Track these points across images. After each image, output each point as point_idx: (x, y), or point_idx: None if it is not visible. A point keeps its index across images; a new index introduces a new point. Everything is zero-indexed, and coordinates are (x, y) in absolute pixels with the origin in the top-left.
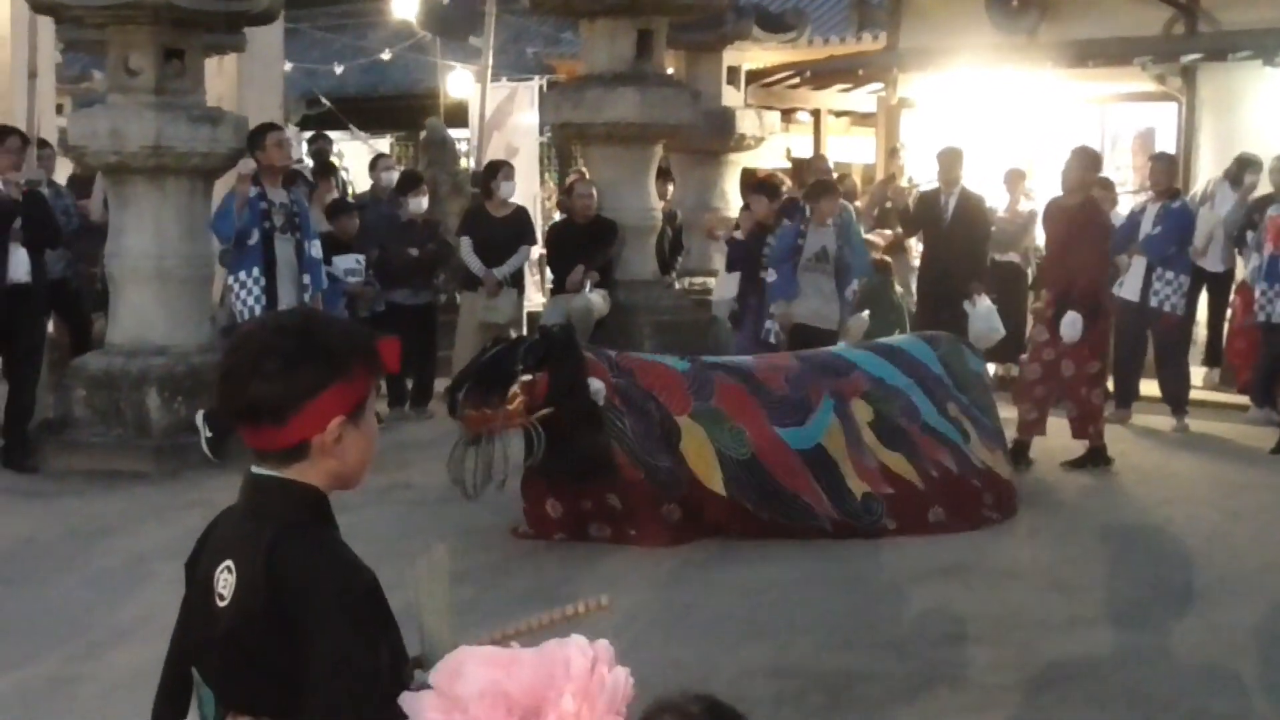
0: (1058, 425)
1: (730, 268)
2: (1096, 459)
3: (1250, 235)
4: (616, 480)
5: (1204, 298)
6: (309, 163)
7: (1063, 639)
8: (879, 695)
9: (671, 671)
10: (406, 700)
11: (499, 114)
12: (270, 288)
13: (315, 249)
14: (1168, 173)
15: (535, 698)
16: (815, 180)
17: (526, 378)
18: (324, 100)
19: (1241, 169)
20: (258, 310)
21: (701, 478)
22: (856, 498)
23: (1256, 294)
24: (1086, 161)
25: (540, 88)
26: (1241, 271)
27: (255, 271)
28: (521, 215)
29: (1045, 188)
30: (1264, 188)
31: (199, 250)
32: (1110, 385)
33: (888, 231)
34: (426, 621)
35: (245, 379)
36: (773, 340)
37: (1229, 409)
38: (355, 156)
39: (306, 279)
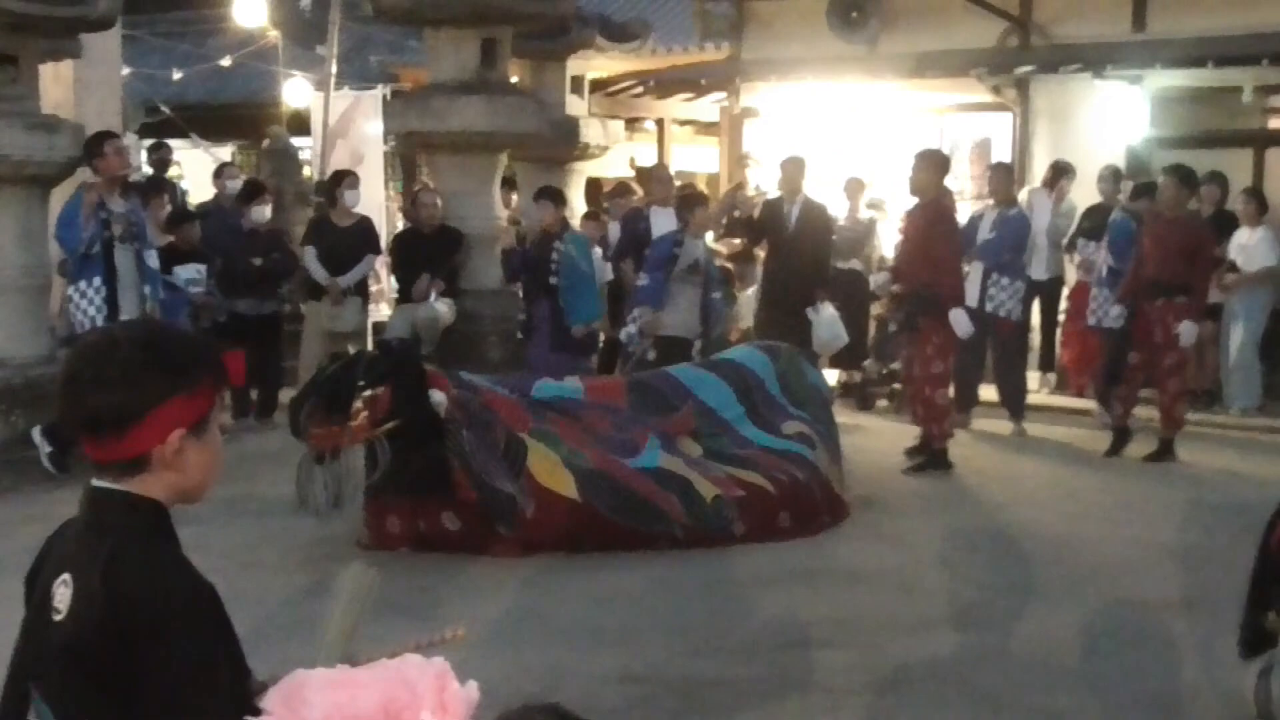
0: (891, 426)
1: (510, 279)
2: (938, 462)
3: (1081, 242)
4: (452, 499)
5: (1035, 304)
6: (149, 171)
7: (908, 641)
8: (728, 701)
9: (521, 679)
10: None
11: (343, 122)
12: (111, 298)
13: (152, 259)
14: (1005, 181)
15: (388, 717)
16: (690, 191)
17: (368, 393)
18: (164, 108)
19: (1057, 176)
20: (99, 320)
21: (552, 486)
22: (707, 501)
23: (1091, 297)
24: (932, 164)
25: (384, 96)
26: (1072, 276)
27: (96, 281)
28: (365, 224)
29: (889, 197)
30: (1085, 194)
31: (36, 260)
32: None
33: (736, 241)
34: (329, 638)
35: (86, 388)
36: (631, 349)
37: (1064, 413)
38: (196, 165)
39: (147, 289)
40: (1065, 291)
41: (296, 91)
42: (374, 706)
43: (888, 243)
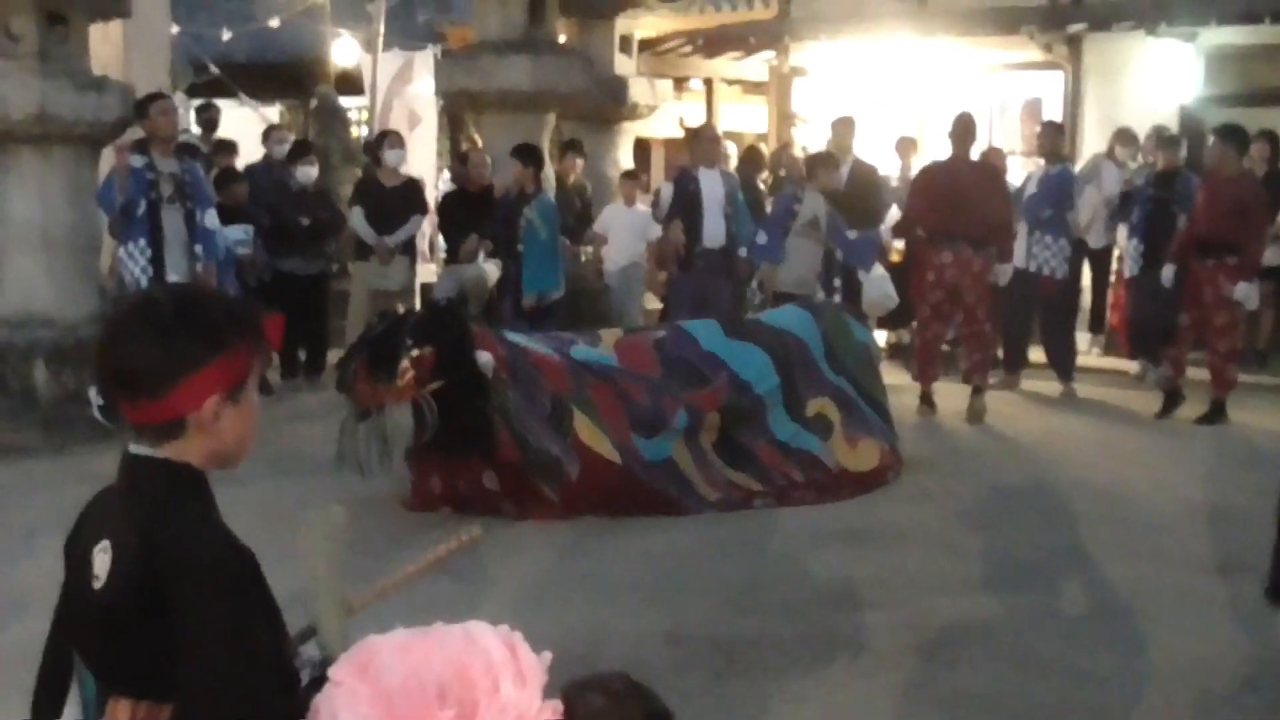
0: (941, 387)
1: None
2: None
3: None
4: (494, 458)
5: (1087, 268)
6: (197, 131)
7: (954, 601)
8: (772, 660)
9: (565, 638)
10: (325, 701)
11: (397, 83)
12: (157, 258)
13: (210, 219)
14: (1054, 139)
15: (466, 686)
16: (817, 152)
17: (415, 352)
18: (212, 67)
19: (1123, 145)
20: (144, 282)
21: (597, 449)
22: (710, 502)
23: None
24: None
25: (435, 56)
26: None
27: (141, 242)
28: (413, 184)
29: (934, 155)
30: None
31: (85, 219)
32: (1000, 352)
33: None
34: (317, 586)
35: (123, 350)
36: (756, 303)
37: (1114, 375)
38: (244, 124)
39: (199, 249)
40: (1116, 254)
41: (344, 51)
42: (450, 671)
43: None
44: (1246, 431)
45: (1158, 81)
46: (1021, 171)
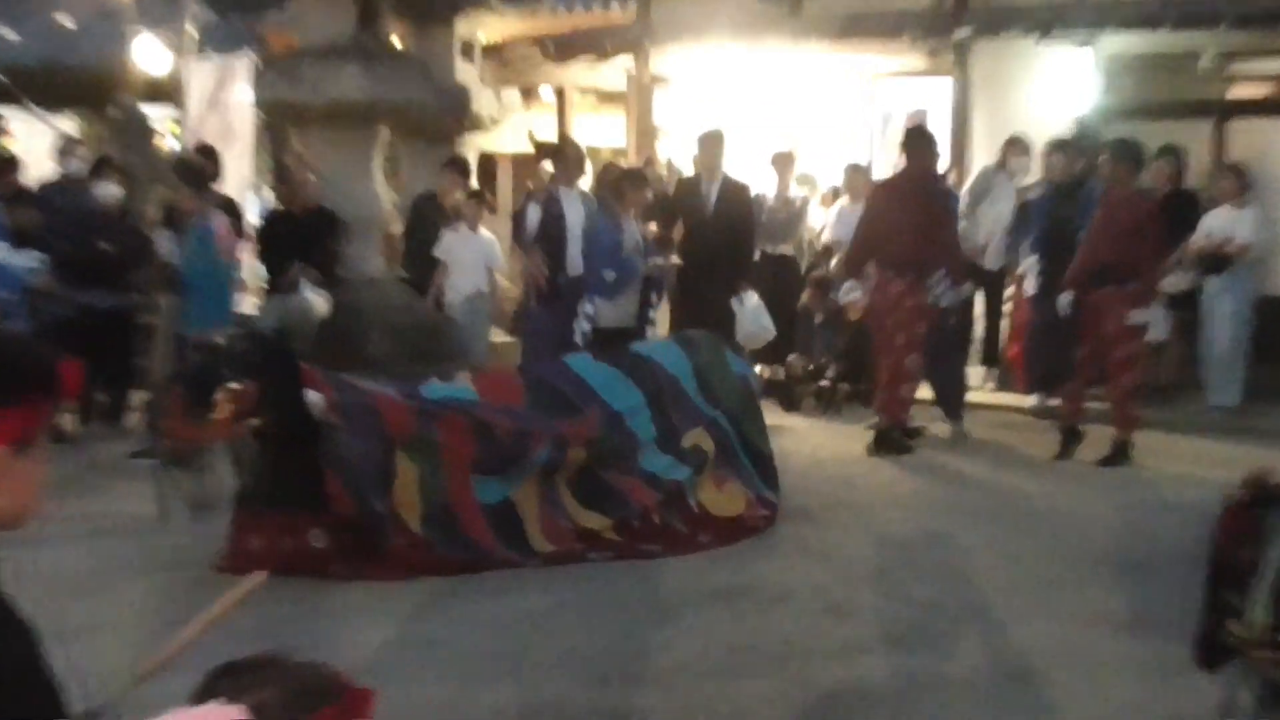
0: (819, 427)
1: None
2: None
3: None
4: (324, 513)
5: (979, 294)
6: None
7: (837, 666)
8: None
9: (417, 713)
10: None
11: (215, 92)
12: None
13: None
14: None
15: None
16: (628, 170)
17: (234, 385)
18: None
19: (1015, 153)
20: None
21: (403, 514)
22: (533, 548)
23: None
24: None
25: (255, 63)
26: (1020, 264)
27: None
28: (229, 206)
29: (819, 172)
30: (1034, 173)
31: None
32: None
33: (651, 226)
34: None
35: None
36: (579, 341)
37: (1008, 411)
38: (34, 137)
39: None
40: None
41: (150, 55)
42: None
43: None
44: (1152, 474)
45: (1052, 91)
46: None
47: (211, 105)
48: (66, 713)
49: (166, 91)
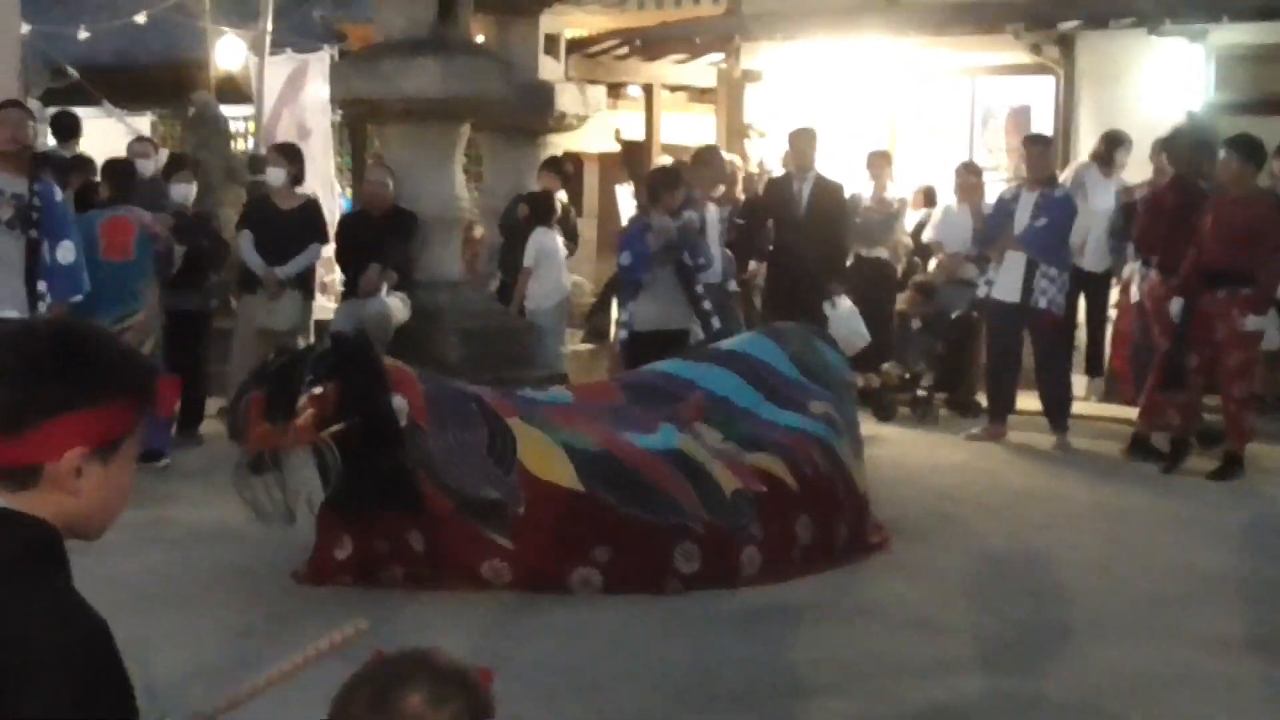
0: (914, 437)
1: None
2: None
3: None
4: (420, 514)
5: (1081, 300)
6: (52, 143)
7: (926, 686)
8: None
9: None
10: None
11: (289, 89)
12: None
13: (63, 251)
14: (1045, 156)
15: None
16: (660, 168)
17: (316, 389)
18: (71, 70)
19: (1111, 149)
20: None
21: (549, 477)
22: (726, 494)
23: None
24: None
25: (332, 58)
26: (1125, 269)
27: None
28: (310, 207)
29: (911, 171)
30: (1138, 170)
31: None
32: (984, 398)
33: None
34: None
35: None
36: (618, 348)
37: (1113, 423)
38: (109, 135)
39: (42, 286)
40: (1116, 284)
41: (228, 52)
42: None
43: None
44: (1265, 489)
45: (1162, 86)
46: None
47: (285, 102)
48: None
49: (244, 90)
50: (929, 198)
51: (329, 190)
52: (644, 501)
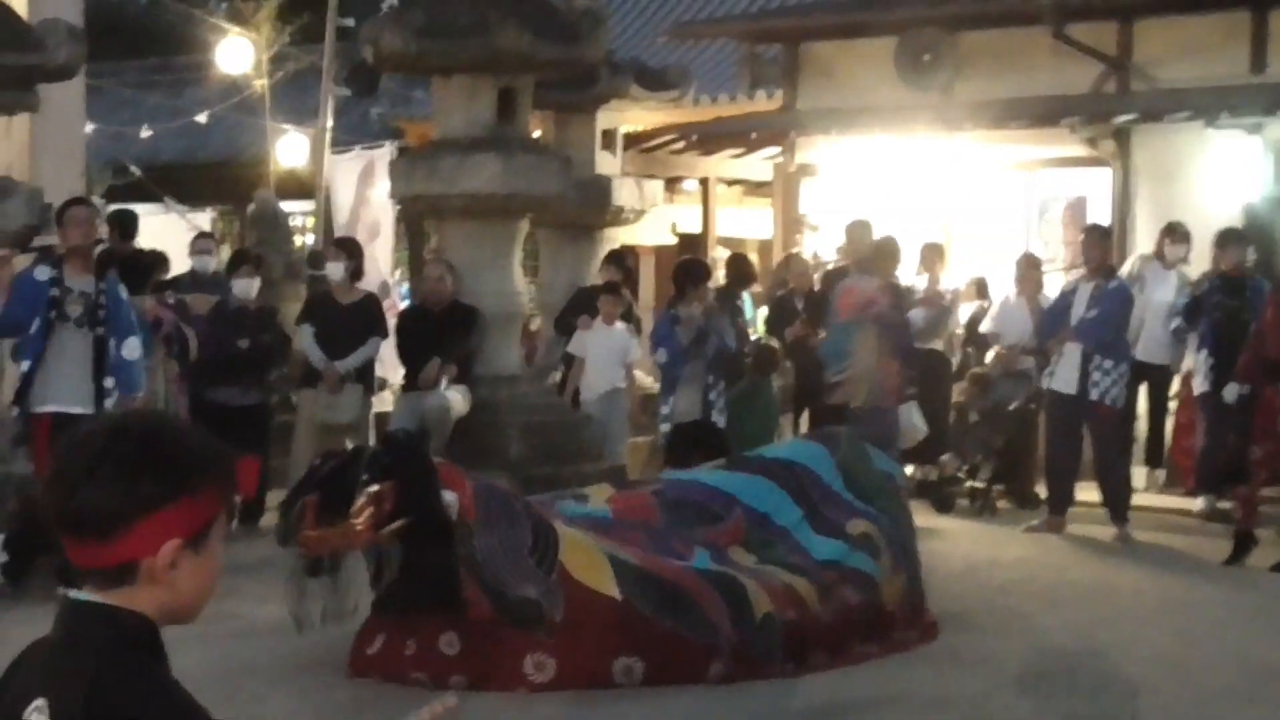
0: (973, 530)
1: None
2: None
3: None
4: (460, 617)
5: (1142, 391)
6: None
7: None
8: None
9: None
10: None
11: (362, 186)
12: (26, 384)
13: (129, 348)
14: (1101, 247)
15: None
16: (686, 261)
17: (373, 489)
18: (133, 168)
19: (1174, 242)
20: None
21: (589, 582)
22: (757, 617)
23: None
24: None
25: (392, 155)
26: (1186, 361)
27: (25, 365)
28: (370, 302)
29: (966, 263)
30: (1197, 263)
31: None
32: (1044, 490)
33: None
34: None
35: (74, 484)
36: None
37: (1175, 514)
38: (171, 233)
39: (109, 382)
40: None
41: (289, 149)
42: None
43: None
44: None
45: (1218, 179)
46: (1058, 283)
47: (360, 201)
48: None
49: (305, 186)
50: (981, 289)
51: (389, 283)
52: (680, 615)
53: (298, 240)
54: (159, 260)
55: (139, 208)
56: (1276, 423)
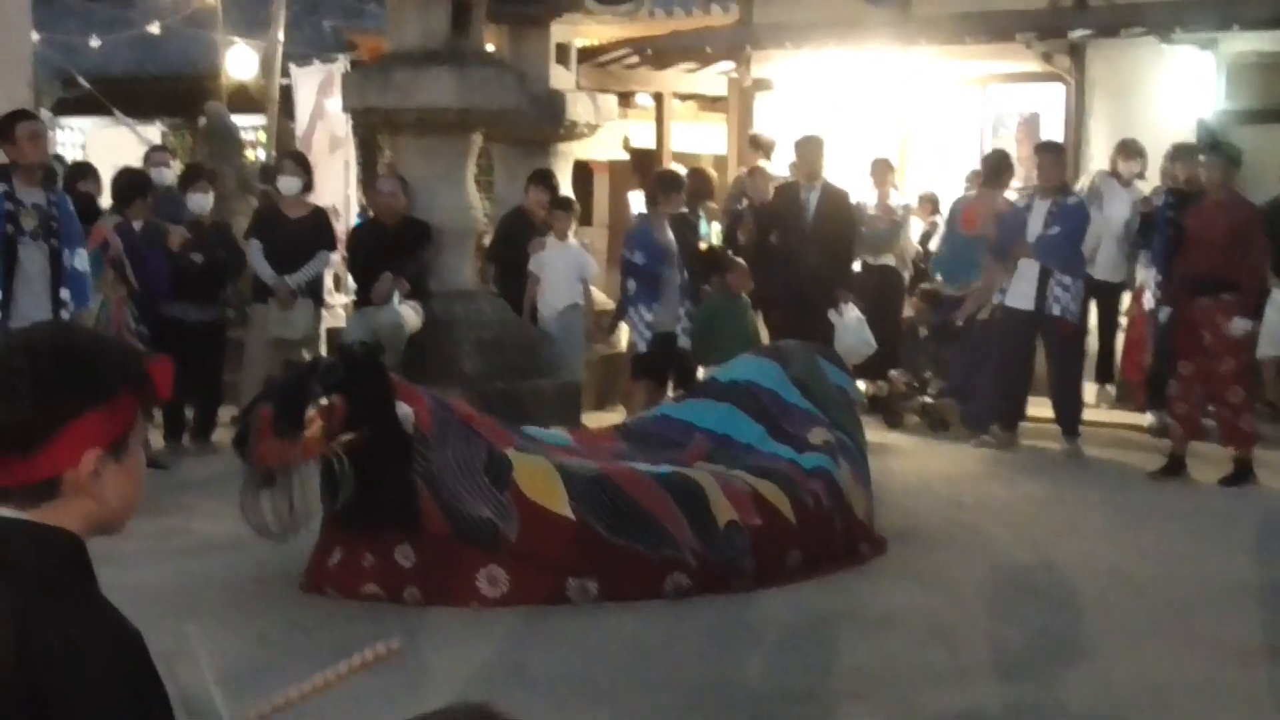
0: (924, 445)
1: None
2: (1246, 475)
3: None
4: (416, 530)
5: (1093, 308)
6: (67, 153)
7: (945, 695)
8: None
9: None
10: None
11: (321, 99)
12: (6, 300)
13: (79, 260)
14: (1057, 165)
15: None
16: (661, 173)
17: (324, 401)
18: (82, 81)
19: (1127, 159)
20: None
21: (543, 501)
22: (719, 526)
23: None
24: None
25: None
26: (1139, 277)
27: None
28: (320, 216)
29: (921, 180)
30: (1153, 179)
31: None
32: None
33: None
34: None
35: None
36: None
37: (1125, 430)
38: (121, 147)
39: (65, 294)
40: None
41: (240, 62)
42: None
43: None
44: (1277, 494)
45: (1173, 95)
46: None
47: (318, 114)
48: None
49: (255, 100)
50: (933, 206)
51: (346, 201)
52: (635, 531)
53: (249, 155)
54: (87, 171)
55: (88, 120)
56: (1200, 338)
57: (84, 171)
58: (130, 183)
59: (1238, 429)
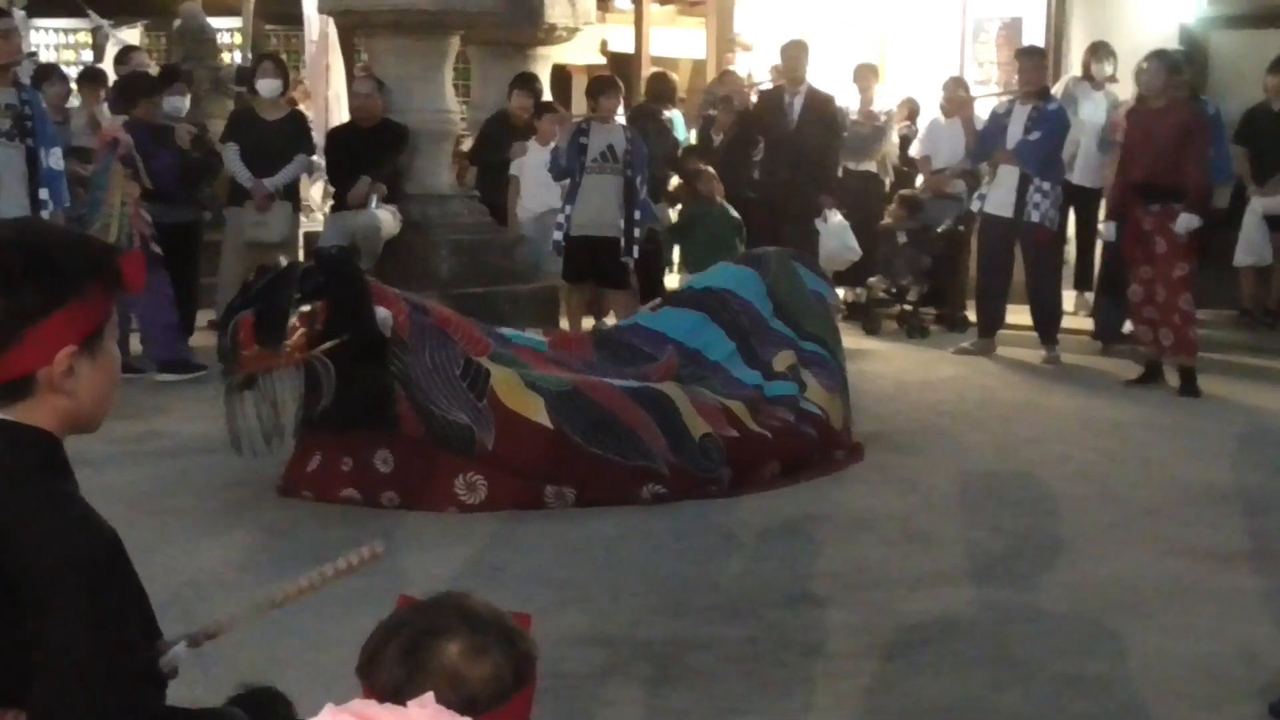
0: (902, 352)
1: None
2: (1191, 384)
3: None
4: (393, 434)
5: (1071, 214)
6: (40, 55)
7: (920, 597)
8: (713, 665)
9: None
10: None
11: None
12: None
13: (55, 159)
14: (1038, 69)
15: None
16: (600, 77)
17: (305, 308)
18: None
19: (1098, 61)
20: None
21: (519, 409)
22: (695, 438)
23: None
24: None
25: None
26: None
27: None
28: (297, 119)
29: (902, 84)
30: (1128, 83)
31: None
32: (973, 313)
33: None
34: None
35: None
36: (553, 249)
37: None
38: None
39: (44, 193)
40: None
41: None
42: None
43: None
44: (1253, 401)
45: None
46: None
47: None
48: (155, 621)
49: (230, 3)
50: (912, 111)
51: (336, 103)
52: (611, 441)
53: (225, 58)
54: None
55: (63, 22)
56: (1150, 246)
57: (47, 73)
58: (136, 82)
59: (1184, 337)
